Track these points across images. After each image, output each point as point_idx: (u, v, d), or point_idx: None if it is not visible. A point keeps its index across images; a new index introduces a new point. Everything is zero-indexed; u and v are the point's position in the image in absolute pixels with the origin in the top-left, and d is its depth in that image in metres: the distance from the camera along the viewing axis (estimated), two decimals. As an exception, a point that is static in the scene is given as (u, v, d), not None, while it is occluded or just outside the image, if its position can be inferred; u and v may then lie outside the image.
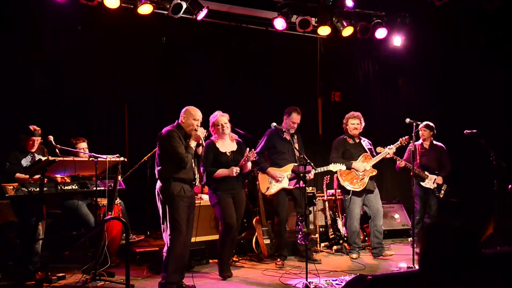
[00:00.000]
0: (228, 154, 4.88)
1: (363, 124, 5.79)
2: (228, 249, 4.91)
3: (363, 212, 6.47)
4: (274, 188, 5.43)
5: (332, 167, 5.51)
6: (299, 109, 5.52)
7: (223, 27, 6.83)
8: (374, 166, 5.69)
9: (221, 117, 4.86)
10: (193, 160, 4.32)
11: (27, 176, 4.55)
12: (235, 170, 4.74)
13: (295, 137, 5.56)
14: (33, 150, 4.85)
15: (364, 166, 5.61)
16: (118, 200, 5.30)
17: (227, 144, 4.93)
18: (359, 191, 5.64)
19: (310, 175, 5.37)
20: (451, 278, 1.66)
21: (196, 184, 4.43)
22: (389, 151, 5.58)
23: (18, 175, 4.63)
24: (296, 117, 5.45)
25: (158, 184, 4.26)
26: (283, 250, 5.53)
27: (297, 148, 5.45)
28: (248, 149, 4.85)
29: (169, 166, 4.19)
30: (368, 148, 5.78)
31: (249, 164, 4.90)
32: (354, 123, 5.71)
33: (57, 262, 4.93)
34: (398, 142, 5.63)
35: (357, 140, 5.81)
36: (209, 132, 4.89)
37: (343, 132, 5.78)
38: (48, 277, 4.51)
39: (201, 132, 4.28)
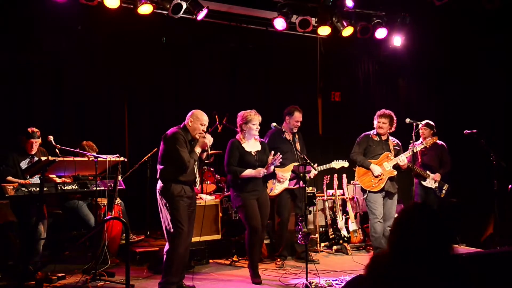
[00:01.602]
0: (253, 153, 4.81)
1: (394, 125, 5.49)
2: (257, 252, 4.83)
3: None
4: (278, 188, 5.43)
5: (335, 163, 5.49)
6: (298, 107, 5.54)
7: (223, 27, 6.82)
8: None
9: (256, 116, 4.75)
10: (195, 163, 4.32)
11: (18, 180, 4.54)
12: (262, 171, 4.68)
13: (297, 136, 5.57)
14: (33, 152, 4.84)
15: (383, 167, 5.38)
16: (118, 200, 5.30)
17: (252, 144, 4.85)
18: (376, 191, 5.42)
19: (311, 175, 5.37)
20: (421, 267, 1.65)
21: (197, 186, 4.43)
22: (400, 159, 5.37)
23: (9, 178, 4.62)
24: (298, 116, 5.48)
25: (159, 184, 4.26)
26: (284, 250, 5.54)
27: (299, 147, 5.47)
28: (273, 152, 4.79)
29: (171, 167, 4.19)
30: (396, 149, 5.55)
31: (271, 168, 4.81)
32: (380, 121, 5.47)
33: (57, 262, 4.93)
34: (425, 143, 5.53)
35: (384, 138, 5.56)
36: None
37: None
38: (48, 277, 4.51)
39: (209, 140, 4.28)
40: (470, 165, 6.80)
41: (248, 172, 4.68)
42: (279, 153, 4.75)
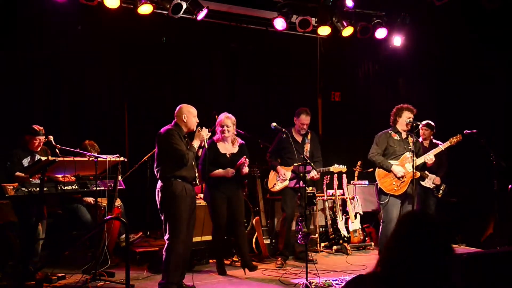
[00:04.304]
0: (228, 155, 4.98)
1: None
2: (221, 247, 5.07)
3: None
4: (279, 185, 5.55)
5: (333, 168, 5.50)
6: (308, 110, 5.60)
7: (223, 27, 6.82)
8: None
9: (225, 119, 4.93)
10: (194, 159, 4.34)
11: (27, 175, 4.55)
12: (231, 171, 4.87)
13: (308, 137, 5.64)
14: (37, 149, 4.84)
15: (405, 168, 5.00)
16: (118, 202, 5.29)
17: (228, 147, 5.02)
18: (398, 195, 5.04)
19: (312, 175, 5.39)
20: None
21: (197, 183, 4.44)
22: (429, 156, 5.07)
23: (18, 173, 4.63)
24: (304, 118, 5.52)
25: (159, 183, 4.26)
26: (285, 250, 5.55)
27: (309, 148, 5.58)
28: (244, 156, 4.93)
29: (169, 164, 4.19)
30: (416, 146, 5.11)
31: (246, 169, 4.93)
32: (410, 116, 5.06)
33: (57, 262, 4.93)
34: (448, 142, 5.20)
35: (404, 136, 5.16)
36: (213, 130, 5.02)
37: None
38: (48, 277, 4.51)
39: (205, 133, 4.30)
40: (470, 165, 6.80)
41: (218, 172, 4.90)
42: (247, 160, 4.90)
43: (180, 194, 4.16)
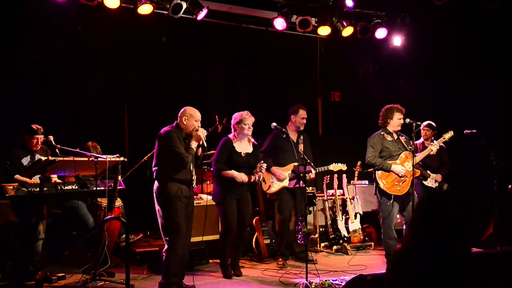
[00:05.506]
0: (243, 155, 4.92)
1: None
2: (228, 249, 4.95)
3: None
4: (275, 186, 5.49)
5: (333, 166, 5.50)
6: (302, 105, 5.61)
7: (223, 27, 6.83)
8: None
9: (249, 118, 4.91)
10: (192, 162, 4.32)
11: (26, 178, 4.55)
12: (243, 178, 4.80)
13: (301, 137, 5.61)
14: (37, 149, 4.85)
15: (405, 167, 5.04)
16: (118, 203, 5.28)
17: (244, 145, 4.96)
18: (401, 195, 5.06)
19: (311, 175, 5.40)
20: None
21: (194, 185, 4.43)
22: (432, 148, 5.17)
23: (17, 176, 4.62)
24: (303, 113, 5.54)
25: (155, 184, 4.25)
26: (285, 250, 5.54)
27: (302, 148, 5.52)
28: (262, 161, 4.91)
29: (167, 166, 4.19)
30: (409, 145, 5.19)
31: (256, 177, 4.92)
32: (401, 117, 5.12)
33: (57, 262, 4.93)
34: (442, 138, 5.30)
35: (396, 137, 5.22)
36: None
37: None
38: (48, 277, 4.51)
39: (202, 133, 4.29)
40: (470, 165, 6.80)
41: (230, 173, 4.81)
42: (264, 164, 4.85)
43: (175, 194, 4.16)
